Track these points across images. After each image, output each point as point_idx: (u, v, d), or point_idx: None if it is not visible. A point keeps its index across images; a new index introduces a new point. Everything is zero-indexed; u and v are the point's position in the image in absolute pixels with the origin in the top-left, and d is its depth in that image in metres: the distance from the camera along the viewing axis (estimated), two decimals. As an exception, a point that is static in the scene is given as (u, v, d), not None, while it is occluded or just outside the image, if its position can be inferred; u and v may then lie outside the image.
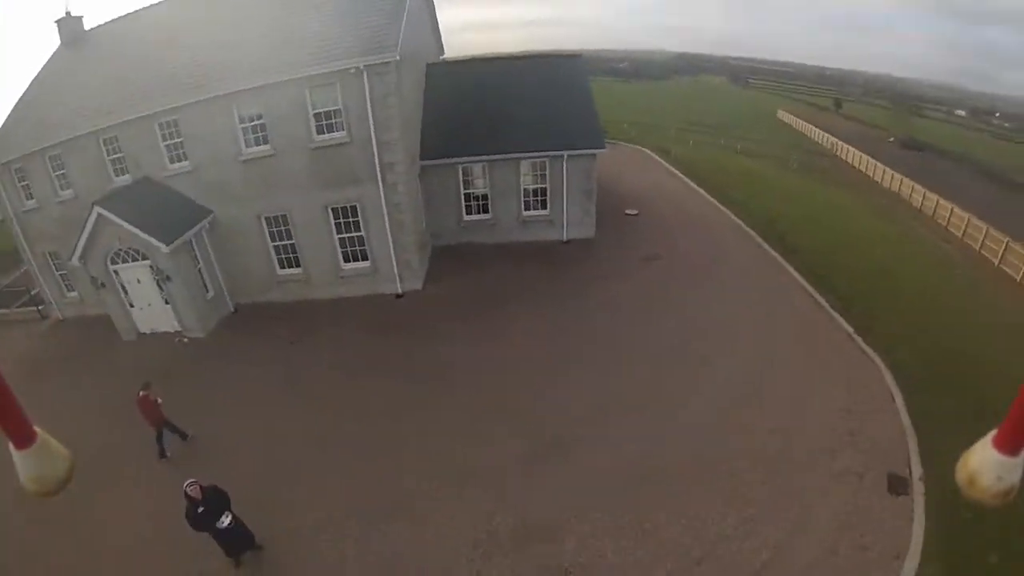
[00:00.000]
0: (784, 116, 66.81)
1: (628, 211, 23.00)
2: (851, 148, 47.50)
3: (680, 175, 30.01)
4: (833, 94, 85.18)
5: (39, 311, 22.66)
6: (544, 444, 10.85)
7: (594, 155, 18.92)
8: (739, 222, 21.86)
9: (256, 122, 15.67)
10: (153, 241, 15.27)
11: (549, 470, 10.28)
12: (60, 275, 21.11)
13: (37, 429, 1.38)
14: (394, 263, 16.62)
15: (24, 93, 21.36)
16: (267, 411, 12.98)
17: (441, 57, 25.53)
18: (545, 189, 19.35)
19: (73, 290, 21.15)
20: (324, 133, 15.48)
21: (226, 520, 8.36)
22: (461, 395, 12.58)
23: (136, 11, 21.93)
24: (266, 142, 15.78)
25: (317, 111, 15.29)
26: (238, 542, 8.72)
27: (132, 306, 17.40)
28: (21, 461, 1.35)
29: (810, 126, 59.47)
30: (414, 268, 16.85)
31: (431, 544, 9.10)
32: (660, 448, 10.55)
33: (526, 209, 19.70)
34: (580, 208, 19.50)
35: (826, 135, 54.78)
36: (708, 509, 9.21)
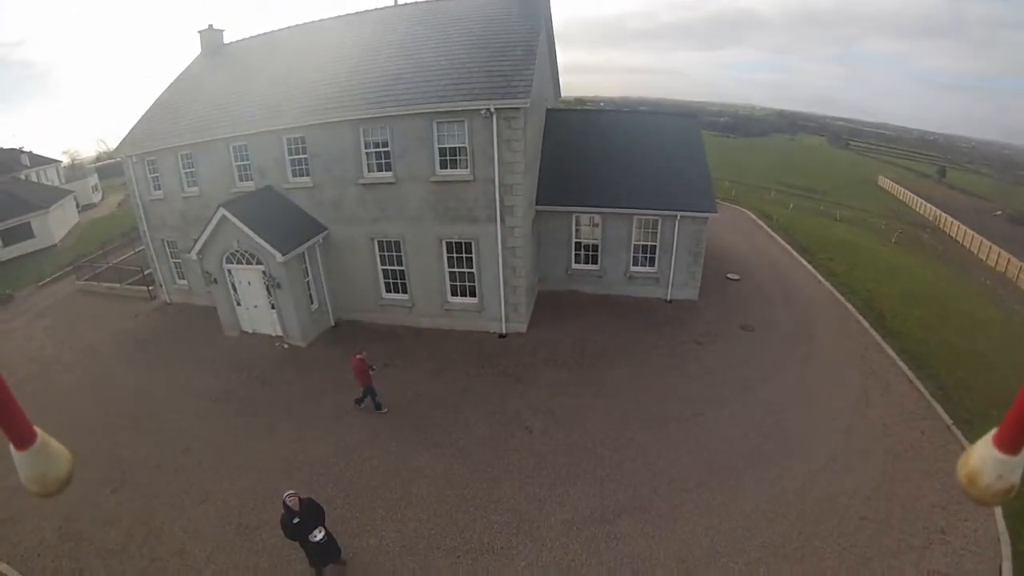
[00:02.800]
0: (885, 183, 63.68)
1: (730, 275, 22.51)
2: (956, 221, 44.66)
3: (781, 241, 29.44)
4: (936, 160, 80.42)
5: (148, 291, 24.06)
6: (614, 506, 10.70)
7: (706, 219, 18.69)
8: (839, 296, 21.04)
9: (380, 149, 16.09)
10: (270, 248, 15.92)
11: (616, 531, 10.12)
12: (174, 263, 22.42)
13: (37, 429, 1.35)
14: (502, 304, 16.60)
15: (163, 93, 22.96)
16: (352, 428, 13.39)
17: (558, 100, 25.75)
18: (654, 247, 19.16)
19: (183, 278, 22.41)
20: (447, 168, 15.70)
21: (319, 535, 8.54)
22: (549, 443, 12.55)
23: (272, 32, 23.43)
24: (388, 169, 16.16)
25: (442, 146, 15.55)
26: (326, 556, 8.86)
27: (239, 304, 18.17)
28: (21, 461, 1.34)
29: (912, 195, 56.44)
30: (520, 311, 16.76)
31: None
32: (728, 526, 10.16)
33: (634, 264, 19.53)
34: (686, 269, 19.24)
35: (929, 206, 51.77)
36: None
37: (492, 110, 14.61)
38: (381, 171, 16.31)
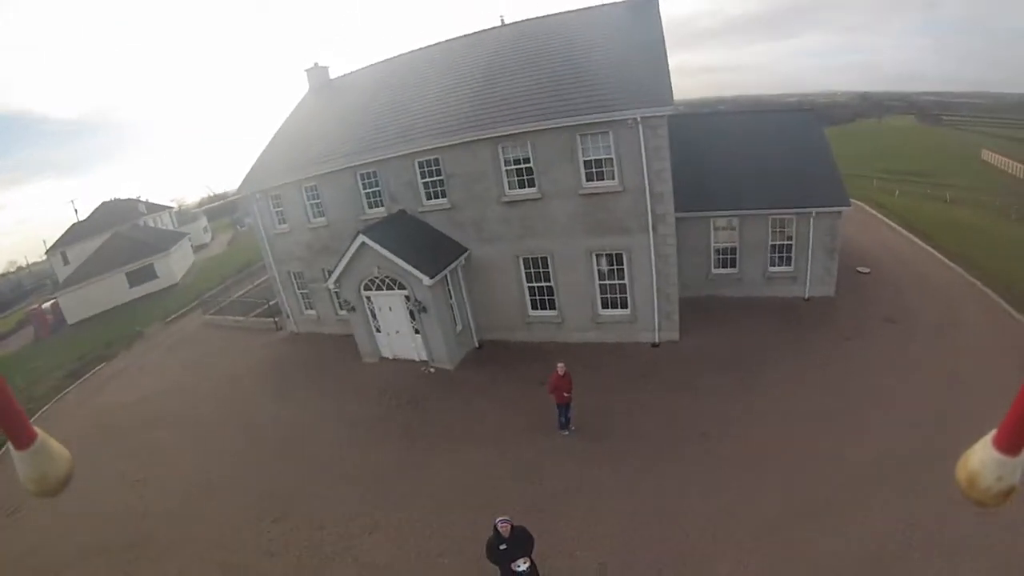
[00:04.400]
0: (990, 157, 58.99)
1: (860, 269, 21.84)
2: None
3: (901, 230, 28.41)
4: (1044, 123, 73.62)
5: (275, 322, 24.86)
6: (803, 507, 10.21)
7: (839, 213, 18.16)
8: (974, 280, 20.07)
9: (522, 165, 15.90)
10: (416, 272, 15.87)
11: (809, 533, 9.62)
12: (300, 293, 23.01)
13: (37, 429, 1.36)
14: (655, 313, 16.08)
15: (278, 131, 23.84)
16: (522, 447, 13.06)
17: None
18: (791, 246, 18.77)
19: (311, 308, 22.95)
20: (593, 180, 15.35)
21: (523, 565, 8.20)
22: (728, 448, 12.10)
23: (375, 64, 23.97)
24: (532, 185, 15.95)
25: (587, 158, 15.22)
26: None
27: (379, 331, 18.33)
28: (21, 461, 1.35)
29: (1022, 166, 52.02)
30: (674, 319, 16.19)
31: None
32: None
33: (771, 265, 19.10)
34: (822, 266, 18.73)
35: (1049, 177, 47.59)
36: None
37: (638, 119, 14.19)
38: (524, 188, 16.11)
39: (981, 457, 1.26)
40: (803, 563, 9.02)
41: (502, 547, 8.10)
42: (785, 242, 18.75)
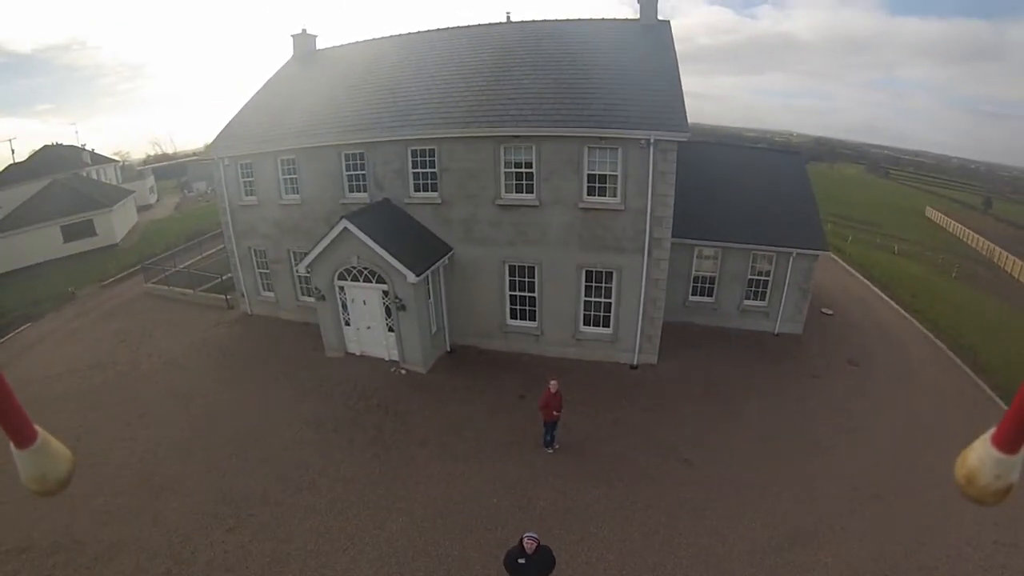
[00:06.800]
0: (933, 215, 62.86)
1: (824, 310, 22.82)
2: (1013, 257, 44.30)
3: (859, 276, 30.10)
4: (979, 190, 79.27)
5: (226, 300, 23.23)
6: (787, 535, 10.65)
7: (816, 256, 18.89)
8: (926, 332, 21.86)
9: (523, 169, 15.34)
10: (400, 267, 14.97)
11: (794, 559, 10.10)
12: (260, 273, 21.54)
13: (38, 428, 1.33)
14: (638, 335, 15.86)
15: (256, 95, 22.27)
16: (506, 463, 12.57)
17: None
18: (767, 282, 19.24)
19: (270, 290, 21.52)
20: (595, 195, 14.96)
21: None
22: (711, 475, 12.32)
23: (370, 40, 22.83)
24: (531, 191, 15.40)
25: (591, 172, 14.82)
26: None
27: (348, 324, 17.29)
28: (22, 460, 1.32)
29: (963, 228, 55.61)
30: (654, 343, 16.02)
31: None
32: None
33: (746, 298, 19.49)
34: (794, 304, 19.34)
35: (982, 240, 51.17)
36: None
37: (651, 140, 13.93)
38: (522, 192, 15.54)
39: (979, 455, 1.22)
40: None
41: (520, 561, 7.87)
42: (762, 277, 19.22)
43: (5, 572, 10.23)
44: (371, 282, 16.09)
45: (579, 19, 19.59)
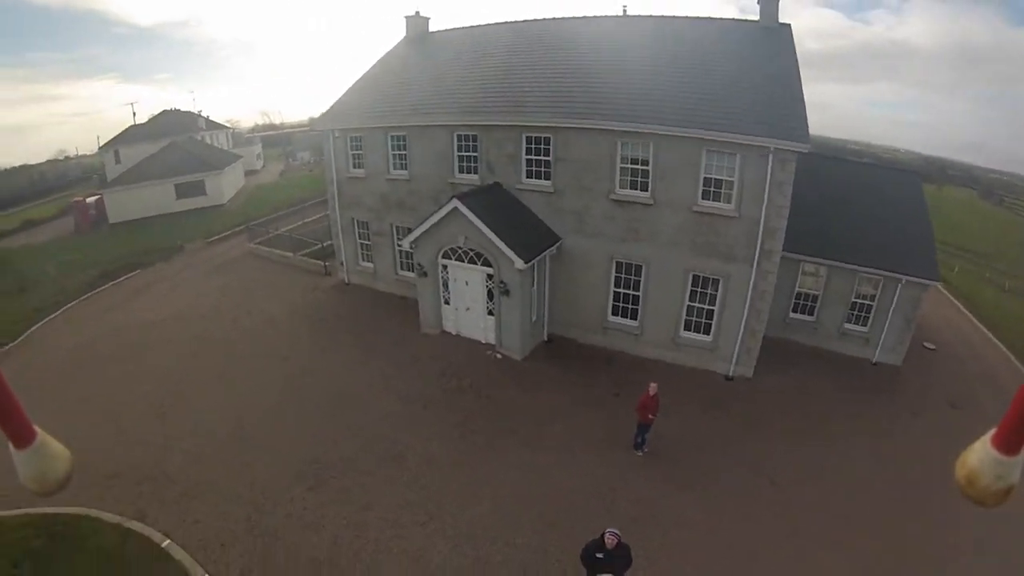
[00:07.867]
0: (1050, 252, 57.93)
1: (926, 344, 21.38)
2: None
3: (964, 311, 27.71)
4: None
5: (325, 266, 24.33)
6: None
7: (927, 286, 17.75)
8: None
9: (639, 166, 15.38)
10: (509, 253, 15.22)
11: None
12: (362, 243, 22.45)
13: (37, 428, 1.35)
14: (737, 345, 15.67)
15: (367, 73, 23.04)
16: (593, 460, 12.55)
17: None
18: (871, 306, 18.33)
19: (369, 261, 22.42)
20: (709, 200, 14.85)
21: None
22: (801, 499, 11.83)
23: (481, 25, 23.20)
24: (645, 189, 15.43)
25: (708, 176, 14.71)
26: None
27: (447, 303, 17.82)
28: (21, 460, 1.33)
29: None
30: (753, 355, 15.80)
31: None
32: None
33: (847, 321, 18.68)
34: (897, 334, 18.30)
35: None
36: None
37: (771, 149, 13.69)
38: (636, 189, 15.58)
39: (980, 456, 1.24)
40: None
41: (599, 556, 7.93)
42: (867, 302, 18.33)
43: (93, 493, 11.01)
44: (476, 264, 16.53)
45: (696, 17, 19.33)
